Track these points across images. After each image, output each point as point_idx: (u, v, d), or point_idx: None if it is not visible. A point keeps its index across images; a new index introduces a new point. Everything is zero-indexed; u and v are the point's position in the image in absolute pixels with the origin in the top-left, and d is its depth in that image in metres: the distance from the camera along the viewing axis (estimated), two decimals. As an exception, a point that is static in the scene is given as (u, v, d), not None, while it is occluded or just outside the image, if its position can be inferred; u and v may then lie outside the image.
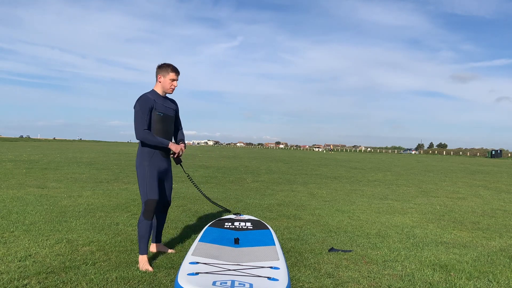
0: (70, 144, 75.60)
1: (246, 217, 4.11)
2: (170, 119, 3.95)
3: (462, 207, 8.23)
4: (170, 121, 3.96)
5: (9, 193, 8.08)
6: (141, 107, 3.70)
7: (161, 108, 3.84)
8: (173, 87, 3.92)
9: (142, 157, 3.79)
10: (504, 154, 75.73)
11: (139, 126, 3.68)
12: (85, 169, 14.61)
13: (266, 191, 9.97)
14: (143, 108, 3.71)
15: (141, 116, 3.69)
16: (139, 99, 3.74)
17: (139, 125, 3.68)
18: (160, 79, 3.88)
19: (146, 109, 3.71)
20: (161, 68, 3.87)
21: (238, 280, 2.56)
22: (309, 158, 35.54)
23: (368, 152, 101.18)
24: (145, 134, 3.69)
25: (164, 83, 3.88)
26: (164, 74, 3.86)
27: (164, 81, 3.87)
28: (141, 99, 3.74)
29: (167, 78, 3.86)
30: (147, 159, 3.78)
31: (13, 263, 3.75)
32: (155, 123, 3.79)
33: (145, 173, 3.75)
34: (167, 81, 3.87)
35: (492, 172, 21.53)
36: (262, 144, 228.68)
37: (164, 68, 3.86)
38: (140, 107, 3.70)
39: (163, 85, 3.89)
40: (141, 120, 3.68)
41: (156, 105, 3.80)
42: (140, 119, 3.68)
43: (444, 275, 3.83)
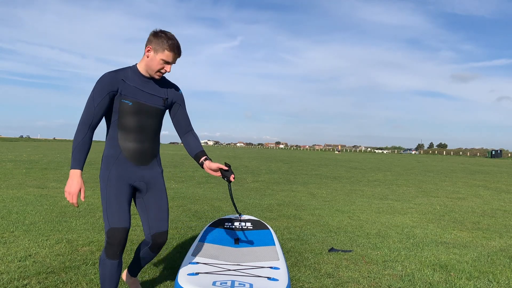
0: (70, 144, 75.59)
1: (246, 217, 4.11)
2: (152, 112, 2.57)
3: (462, 207, 8.23)
4: (151, 115, 2.57)
5: (9, 193, 8.08)
6: (96, 90, 2.43)
7: (132, 94, 2.50)
8: (162, 72, 2.57)
9: (105, 164, 2.54)
10: (504, 154, 75.73)
11: (83, 117, 2.43)
12: (85, 169, 14.61)
13: (266, 191, 9.97)
14: (99, 90, 2.43)
15: (91, 101, 2.42)
16: (99, 79, 2.48)
17: (84, 115, 2.43)
18: (148, 52, 2.50)
19: (102, 92, 2.43)
20: (155, 37, 2.49)
21: (238, 280, 2.56)
22: (309, 158, 35.54)
23: (369, 152, 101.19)
24: (78, 131, 2.41)
25: (152, 61, 2.51)
26: (156, 48, 2.48)
27: (153, 58, 2.49)
28: (100, 79, 2.47)
29: (158, 56, 2.49)
30: (110, 164, 2.53)
31: (13, 263, 3.75)
32: (121, 117, 2.50)
33: (105, 189, 2.50)
34: (157, 60, 2.49)
35: (492, 172, 21.53)
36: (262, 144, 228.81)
37: (160, 40, 2.48)
38: (95, 89, 2.44)
39: (149, 63, 2.51)
40: (88, 108, 2.42)
41: (125, 88, 2.48)
42: (88, 106, 2.43)
43: (444, 275, 3.83)
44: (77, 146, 2.38)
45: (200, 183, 11.33)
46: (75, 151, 2.38)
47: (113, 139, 2.55)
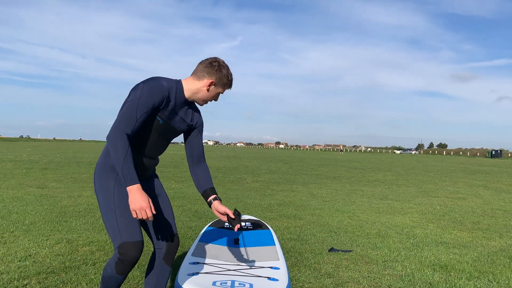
0: (70, 144, 75.63)
1: (246, 217, 4.11)
2: (173, 133, 2.46)
3: (462, 207, 8.23)
4: (170, 136, 2.47)
5: (9, 193, 8.08)
6: (144, 98, 2.19)
7: (168, 113, 2.33)
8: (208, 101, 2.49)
9: (105, 172, 2.32)
10: (504, 154, 75.74)
11: (121, 125, 2.16)
12: (85, 169, 14.61)
13: (266, 191, 9.97)
14: (147, 100, 2.19)
15: (134, 110, 2.18)
16: (148, 83, 2.23)
17: (123, 123, 2.17)
18: (208, 84, 2.36)
19: (149, 103, 2.20)
20: (219, 72, 2.37)
21: (238, 280, 2.56)
22: (309, 158, 35.54)
23: (369, 152, 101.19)
24: (121, 140, 2.14)
25: (210, 94, 2.41)
26: (217, 81, 2.37)
27: (212, 90, 2.40)
28: (151, 85, 2.22)
29: (217, 89, 2.41)
30: (111, 173, 2.32)
31: (13, 263, 3.75)
32: (142, 130, 2.30)
33: (112, 199, 2.27)
34: (214, 92, 2.41)
35: (492, 172, 21.53)
36: (262, 144, 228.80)
37: (223, 74, 2.38)
38: (142, 97, 2.19)
39: (207, 95, 2.40)
40: (130, 117, 2.17)
41: (166, 105, 2.30)
42: (130, 114, 2.17)
43: (444, 275, 3.83)
44: (125, 159, 2.12)
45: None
46: (126, 166, 2.12)
47: None
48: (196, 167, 2.59)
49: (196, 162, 2.59)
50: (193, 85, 2.39)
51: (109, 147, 2.16)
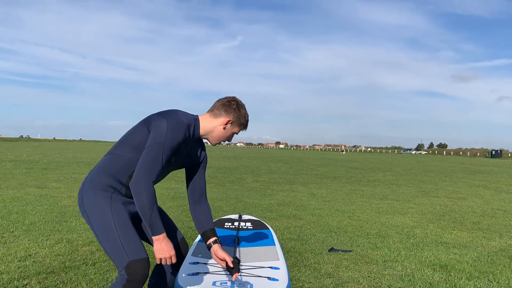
0: (70, 144, 75.65)
1: (246, 217, 4.11)
2: (178, 167, 2.40)
3: (462, 207, 8.23)
4: (175, 169, 2.40)
5: (9, 193, 8.08)
6: (169, 141, 2.11)
7: (182, 152, 2.31)
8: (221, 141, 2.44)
9: (98, 190, 2.18)
10: (504, 154, 75.75)
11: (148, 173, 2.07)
12: (85, 169, 14.61)
13: (266, 191, 9.97)
14: (172, 143, 2.13)
15: (160, 155, 2.09)
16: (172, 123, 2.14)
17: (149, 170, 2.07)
18: (227, 124, 2.33)
19: (174, 145, 2.14)
20: (238, 111, 2.34)
21: (238, 280, 2.56)
22: (309, 158, 35.55)
23: (368, 152, 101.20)
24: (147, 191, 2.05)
25: (226, 133, 2.36)
26: (234, 120, 2.34)
27: (228, 129, 2.36)
28: (174, 125, 2.14)
29: (233, 129, 2.37)
30: (107, 192, 2.19)
31: (13, 263, 3.75)
32: None
33: (111, 218, 2.14)
34: (230, 131, 2.37)
35: (492, 172, 21.53)
36: (262, 144, 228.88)
37: (241, 114, 2.35)
38: (167, 140, 2.11)
39: (223, 133, 2.36)
40: (155, 163, 2.08)
41: (184, 146, 2.27)
42: (155, 160, 2.08)
43: (444, 275, 3.83)
44: (153, 210, 2.06)
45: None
46: (154, 217, 2.07)
47: (120, 174, 2.20)
48: (196, 205, 2.49)
49: (197, 200, 2.49)
50: (210, 123, 2.33)
51: (135, 196, 2.06)
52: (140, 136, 2.18)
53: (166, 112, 2.24)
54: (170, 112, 2.24)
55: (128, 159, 2.20)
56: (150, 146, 2.10)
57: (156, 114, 2.23)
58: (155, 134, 2.11)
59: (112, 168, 2.20)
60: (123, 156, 2.20)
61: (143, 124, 2.21)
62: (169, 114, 2.21)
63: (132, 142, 2.20)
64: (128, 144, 2.21)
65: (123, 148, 2.22)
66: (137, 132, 2.20)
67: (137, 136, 2.19)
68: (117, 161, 2.21)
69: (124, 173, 2.20)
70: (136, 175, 2.07)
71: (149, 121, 2.19)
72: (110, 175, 2.20)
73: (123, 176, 2.20)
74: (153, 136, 2.11)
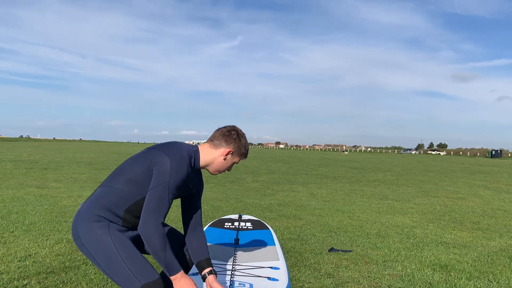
0: (70, 144, 75.66)
1: (246, 217, 4.11)
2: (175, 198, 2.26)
3: (462, 207, 8.23)
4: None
5: (9, 193, 8.08)
6: (174, 180, 2.08)
7: (183, 188, 2.31)
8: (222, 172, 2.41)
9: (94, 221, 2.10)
10: (504, 154, 75.77)
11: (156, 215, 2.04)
12: (85, 169, 14.61)
13: (266, 191, 9.97)
14: (177, 181, 2.10)
15: (166, 195, 2.06)
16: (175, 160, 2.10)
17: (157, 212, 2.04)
18: (227, 155, 2.31)
19: (179, 183, 2.12)
20: (238, 141, 2.32)
21: (238, 280, 2.56)
22: (309, 158, 35.55)
23: (369, 152, 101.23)
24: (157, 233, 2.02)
25: (226, 163, 2.34)
26: (235, 150, 2.32)
27: (229, 160, 2.33)
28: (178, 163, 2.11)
29: (233, 159, 2.36)
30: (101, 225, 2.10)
31: (13, 263, 3.75)
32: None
33: (113, 248, 2.06)
34: (231, 162, 2.36)
35: (492, 172, 21.54)
36: (262, 144, 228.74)
37: (241, 144, 2.34)
38: (172, 179, 2.08)
39: (223, 164, 2.34)
40: (163, 204, 2.05)
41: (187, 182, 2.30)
42: (162, 201, 2.05)
43: (444, 275, 3.84)
44: (166, 251, 2.03)
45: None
46: (168, 257, 2.03)
47: (116, 208, 2.14)
48: (191, 233, 2.44)
49: (193, 227, 2.45)
50: (210, 155, 2.30)
51: (145, 240, 2.02)
52: (139, 170, 2.13)
53: (167, 146, 2.20)
54: (172, 147, 2.19)
55: (125, 192, 2.12)
56: (156, 187, 2.05)
57: (157, 150, 2.18)
58: (160, 175, 2.07)
59: (107, 202, 2.12)
60: (119, 190, 2.13)
61: (143, 158, 2.16)
62: (170, 149, 2.16)
63: (129, 175, 2.13)
64: (125, 177, 2.14)
65: (119, 181, 2.15)
66: (136, 166, 2.14)
67: (136, 169, 2.13)
68: (113, 194, 2.13)
69: (121, 206, 2.13)
70: (144, 218, 2.02)
71: (150, 157, 2.14)
72: (105, 208, 2.12)
73: (119, 210, 2.13)
74: (158, 177, 2.07)
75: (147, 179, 2.11)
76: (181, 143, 2.29)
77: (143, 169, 2.13)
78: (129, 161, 2.22)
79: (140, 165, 2.14)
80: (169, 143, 2.26)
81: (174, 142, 2.28)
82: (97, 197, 2.16)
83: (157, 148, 2.20)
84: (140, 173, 2.12)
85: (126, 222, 2.17)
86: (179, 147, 2.21)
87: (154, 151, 2.18)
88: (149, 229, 2.00)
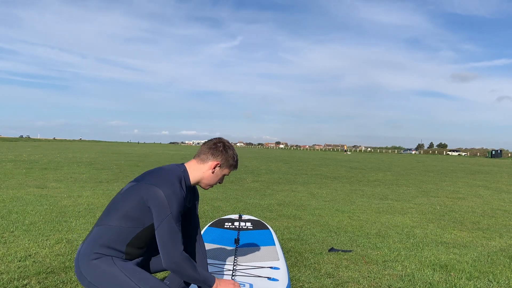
0: (70, 144, 75.64)
1: (246, 217, 4.11)
2: None
3: (462, 207, 8.23)
4: None
5: (9, 193, 8.08)
6: (174, 209, 2.09)
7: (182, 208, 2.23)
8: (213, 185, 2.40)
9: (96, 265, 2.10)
10: (504, 154, 75.75)
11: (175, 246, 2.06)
12: (85, 169, 14.61)
13: (266, 191, 9.97)
14: (177, 209, 2.10)
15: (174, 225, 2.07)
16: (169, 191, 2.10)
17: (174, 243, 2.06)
18: (215, 168, 2.31)
19: (180, 210, 2.13)
20: (225, 153, 2.32)
21: (238, 280, 2.56)
22: (309, 158, 35.54)
23: (369, 152, 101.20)
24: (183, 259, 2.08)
25: (215, 177, 2.34)
26: (223, 162, 2.32)
27: (217, 172, 2.33)
28: (172, 192, 2.10)
29: (223, 171, 2.35)
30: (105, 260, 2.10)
31: (13, 263, 3.75)
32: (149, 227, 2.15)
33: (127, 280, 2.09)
34: (220, 174, 2.35)
35: (492, 172, 21.53)
36: (262, 144, 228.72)
37: (228, 156, 2.33)
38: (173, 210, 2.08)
39: (212, 178, 2.33)
40: (176, 234, 2.07)
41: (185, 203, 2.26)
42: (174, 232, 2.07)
43: (444, 275, 3.83)
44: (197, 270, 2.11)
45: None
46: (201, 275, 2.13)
47: (116, 244, 2.13)
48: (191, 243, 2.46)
49: (194, 235, 2.47)
50: (198, 171, 2.30)
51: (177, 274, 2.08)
52: (132, 206, 2.11)
53: (155, 176, 2.16)
54: (159, 176, 2.16)
55: (123, 228, 2.12)
56: (161, 224, 2.06)
57: (146, 183, 2.14)
58: (159, 210, 2.07)
59: (107, 240, 2.11)
60: (117, 227, 2.12)
61: (133, 193, 2.14)
62: (159, 179, 2.14)
63: (124, 211, 2.12)
64: (119, 214, 2.13)
65: (114, 218, 2.13)
66: (129, 201, 2.13)
67: (129, 205, 2.12)
68: (111, 232, 2.12)
69: (122, 242, 2.13)
70: (165, 254, 2.04)
71: (140, 193, 2.11)
72: (106, 246, 2.11)
73: (121, 246, 2.13)
74: (158, 213, 2.07)
75: (142, 212, 2.11)
76: (168, 167, 2.25)
77: (135, 204, 2.11)
78: (120, 197, 2.19)
79: (132, 200, 2.12)
80: (156, 172, 2.22)
81: (161, 169, 2.23)
82: (95, 236, 2.14)
83: (145, 180, 2.16)
84: (134, 208, 2.11)
85: (129, 255, 2.17)
86: (167, 173, 2.19)
87: (143, 184, 2.14)
88: (175, 261, 2.05)
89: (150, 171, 2.25)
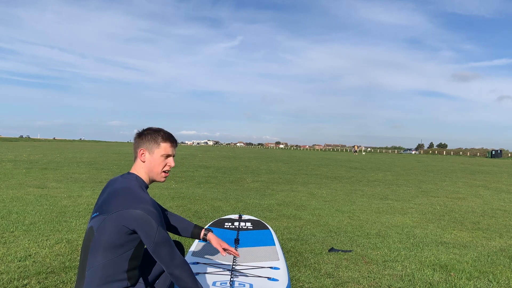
0: (70, 144, 75.65)
1: (246, 217, 4.11)
2: None
3: (462, 207, 8.23)
4: None
5: (9, 193, 8.08)
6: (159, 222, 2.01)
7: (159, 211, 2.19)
8: (167, 171, 2.24)
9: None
10: (504, 154, 75.70)
11: (172, 248, 2.02)
12: (85, 169, 14.61)
13: (266, 191, 9.97)
14: (160, 219, 2.05)
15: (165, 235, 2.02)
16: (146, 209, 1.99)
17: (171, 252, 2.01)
18: (142, 156, 2.17)
19: (162, 218, 2.09)
20: (145, 135, 2.19)
21: (238, 280, 2.56)
22: (309, 158, 35.54)
23: (368, 152, 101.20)
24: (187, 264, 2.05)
25: (152, 164, 2.18)
26: (150, 148, 2.17)
27: (152, 160, 2.17)
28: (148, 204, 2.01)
29: (156, 154, 2.18)
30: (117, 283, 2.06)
31: (13, 263, 3.75)
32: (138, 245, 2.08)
33: None
34: (157, 159, 2.18)
35: (492, 172, 21.53)
36: (262, 144, 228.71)
37: (149, 137, 2.18)
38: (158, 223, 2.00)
39: (151, 167, 2.18)
40: (169, 239, 2.03)
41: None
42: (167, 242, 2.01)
43: (444, 275, 3.84)
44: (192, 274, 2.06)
45: (200, 183, 11.33)
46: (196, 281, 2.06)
47: (117, 274, 2.05)
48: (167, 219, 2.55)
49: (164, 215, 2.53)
50: (141, 169, 2.18)
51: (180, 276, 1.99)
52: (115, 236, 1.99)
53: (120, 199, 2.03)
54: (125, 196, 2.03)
55: (114, 259, 2.02)
56: (154, 239, 1.97)
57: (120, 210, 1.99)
58: (147, 229, 1.97)
59: (105, 277, 2.02)
60: (108, 261, 2.01)
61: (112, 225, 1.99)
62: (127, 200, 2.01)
63: (107, 245, 1.99)
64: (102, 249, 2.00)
65: (99, 256, 2.01)
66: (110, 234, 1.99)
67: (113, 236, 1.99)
68: (104, 269, 2.01)
69: (120, 271, 2.05)
70: (167, 266, 1.99)
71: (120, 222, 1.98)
72: (109, 282, 2.03)
73: (120, 275, 2.05)
74: (147, 232, 1.97)
75: (128, 236, 2.01)
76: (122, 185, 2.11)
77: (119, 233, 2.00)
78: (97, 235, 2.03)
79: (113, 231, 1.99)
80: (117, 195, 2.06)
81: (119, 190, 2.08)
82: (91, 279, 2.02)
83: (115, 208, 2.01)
84: (119, 237, 2.00)
85: (132, 279, 2.11)
86: (128, 190, 2.07)
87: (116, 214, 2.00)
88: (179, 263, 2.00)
89: (109, 197, 2.08)
